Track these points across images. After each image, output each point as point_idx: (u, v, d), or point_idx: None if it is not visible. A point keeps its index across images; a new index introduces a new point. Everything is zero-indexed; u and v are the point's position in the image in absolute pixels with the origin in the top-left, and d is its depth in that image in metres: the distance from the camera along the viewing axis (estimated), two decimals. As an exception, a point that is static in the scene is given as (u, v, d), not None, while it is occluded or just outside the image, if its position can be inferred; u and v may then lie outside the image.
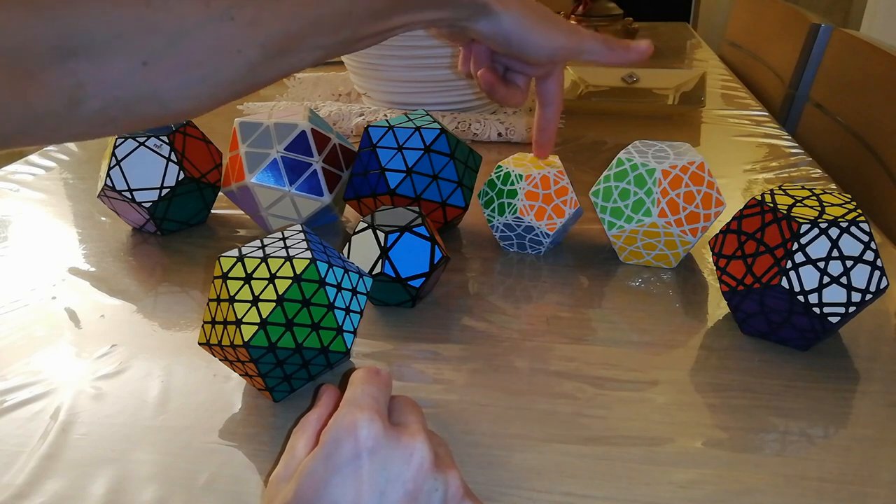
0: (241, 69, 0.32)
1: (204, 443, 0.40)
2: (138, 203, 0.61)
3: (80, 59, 0.28)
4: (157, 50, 0.29)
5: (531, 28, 0.45)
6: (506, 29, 0.44)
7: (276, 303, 0.39)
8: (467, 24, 0.44)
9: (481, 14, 0.43)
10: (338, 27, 0.35)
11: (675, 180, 0.53)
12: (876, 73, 0.93)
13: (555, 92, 0.53)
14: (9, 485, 0.37)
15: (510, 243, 0.60)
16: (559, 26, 0.47)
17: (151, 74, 0.30)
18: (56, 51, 0.27)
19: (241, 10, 0.31)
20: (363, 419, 0.29)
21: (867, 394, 0.42)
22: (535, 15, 0.45)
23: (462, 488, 0.30)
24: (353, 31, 0.36)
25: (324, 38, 0.35)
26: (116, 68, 0.29)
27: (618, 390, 0.43)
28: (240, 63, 0.32)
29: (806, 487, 0.35)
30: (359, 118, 0.92)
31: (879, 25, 1.73)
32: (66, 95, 0.28)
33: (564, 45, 0.47)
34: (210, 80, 0.32)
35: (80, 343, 0.49)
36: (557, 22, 0.46)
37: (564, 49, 0.47)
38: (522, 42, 0.45)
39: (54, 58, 0.27)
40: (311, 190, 0.60)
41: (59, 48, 0.27)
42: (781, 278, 0.42)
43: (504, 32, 0.44)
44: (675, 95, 1.05)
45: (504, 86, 0.51)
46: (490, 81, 0.50)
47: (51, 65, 0.27)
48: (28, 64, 0.27)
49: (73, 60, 0.28)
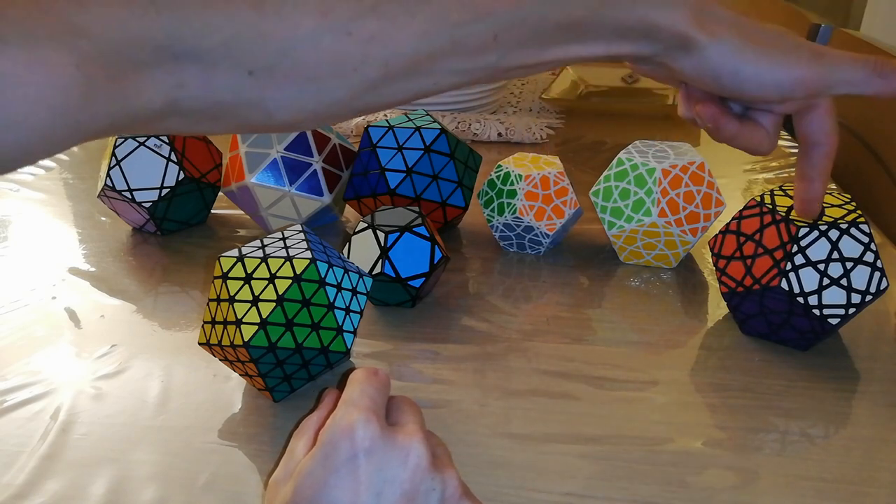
0: (357, 88, 0.29)
1: (204, 443, 0.40)
2: (138, 203, 0.61)
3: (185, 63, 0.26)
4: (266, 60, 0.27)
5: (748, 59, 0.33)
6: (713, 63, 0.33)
7: (276, 303, 0.39)
8: (663, 62, 0.33)
9: (679, 49, 0.32)
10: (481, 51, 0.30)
11: (675, 180, 0.53)
12: (876, 74, 0.92)
13: (822, 129, 0.38)
14: (9, 485, 0.37)
15: (510, 243, 0.60)
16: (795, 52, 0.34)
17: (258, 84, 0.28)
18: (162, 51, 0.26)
19: (362, 24, 0.28)
20: (360, 420, 0.29)
21: (867, 394, 0.42)
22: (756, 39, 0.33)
23: (460, 488, 0.30)
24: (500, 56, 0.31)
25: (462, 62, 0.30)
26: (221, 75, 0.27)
27: (618, 390, 0.43)
28: (355, 81, 0.29)
29: (806, 487, 0.35)
30: (359, 118, 0.92)
31: (879, 25, 1.73)
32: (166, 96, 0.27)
33: (803, 76, 0.33)
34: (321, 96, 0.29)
35: (80, 343, 0.49)
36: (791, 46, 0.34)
37: (804, 82, 0.34)
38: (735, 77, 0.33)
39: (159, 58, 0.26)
40: (311, 190, 0.60)
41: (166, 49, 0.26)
42: (781, 280, 0.42)
43: (711, 68, 0.33)
44: (675, 95, 1.05)
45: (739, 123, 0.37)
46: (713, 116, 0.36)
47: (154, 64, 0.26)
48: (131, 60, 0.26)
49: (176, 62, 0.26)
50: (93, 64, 0.25)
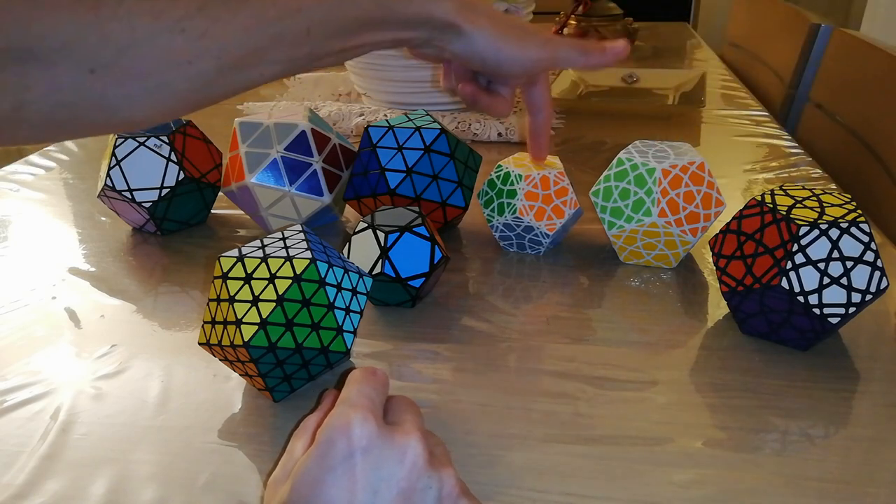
0: (195, 81, 0.32)
1: (204, 443, 0.40)
2: (138, 203, 0.61)
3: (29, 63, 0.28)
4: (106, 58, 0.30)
5: (503, 45, 0.44)
6: (479, 47, 0.44)
7: (276, 303, 0.39)
8: (439, 45, 0.44)
9: (452, 34, 0.43)
10: (297, 43, 0.35)
11: (675, 180, 0.53)
12: (876, 73, 0.93)
13: (542, 98, 0.52)
14: (9, 485, 0.37)
15: (510, 243, 0.60)
16: (532, 38, 0.46)
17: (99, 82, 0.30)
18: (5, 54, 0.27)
19: (192, 23, 0.31)
20: (356, 418, 0.29)
21: (867, 394, 0.42)
22: (506, 30, 0.45)
23: (457, 486, 0.30)
24: (312, 47, 0.36)
25: (282, 53, 0.35)
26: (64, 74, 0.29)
27: (618, 390, 0.43)
28: (192, 75, 0.32)
29: (806, 487, 0.35)
30: (359, 118, 0.92)
31: (879, 25, 1.73)
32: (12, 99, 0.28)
33: (538, 56, 0.46)
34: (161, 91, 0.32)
35: (80, 343, 0.49)
36: (529, 34, 0.46)
37: (539, 60, 0.47)
38: (497, 59, 0.45)
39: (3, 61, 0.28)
40: (311, 190, 0.60)
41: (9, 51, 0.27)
42: (781, 279, 0.42)
43: (478, 51, 0.44)
44: (675, 95, 1.05)
45: (488, 96, 0.50)
46: (472, 93, 0.50)
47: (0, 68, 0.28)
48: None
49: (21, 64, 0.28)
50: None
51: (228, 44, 0.32)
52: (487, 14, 0.44)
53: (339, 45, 0.38)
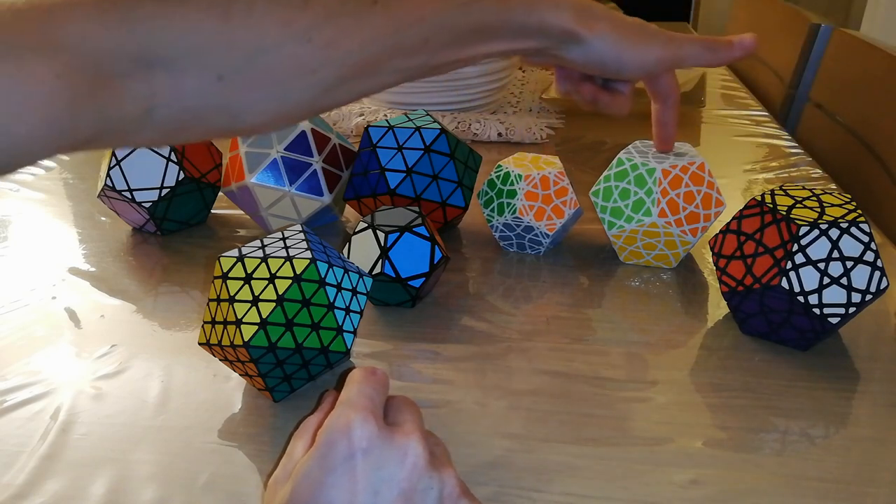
0: (316, 89, 0.32)
1: (204, 443, 0.40)
2: (138, 203, 0.61)
3: (157, 70, 0.28)
4: (234, 66, 0.30)
5: (625, 48, 0.42)
6: (599, 53, 0.41)
7: (276, 303, 0.39)
8: (557, 53, 0.41)
9: (571, 42, 0.41)
10: (414, 53, 0.35)
11: (675, 180, 0.53)
12: (876, 73, 0.93)
13: (668, 86, 0.50)
14: (9, 485, 0.37)
15: (510, 243, 0.60)
16: (653, 39, 0.43)
17: (226, 89, 0.30)
18: (136, 61, 0.28)
19: (319, 32, 0.31)
20: (357, 419, 0.29)
21: (867, 394, 0.42)
22: (626, 33, 0.42)
23: (458, 486, 0.30)
24: (428, 57, 0.36)
25: (400, 62, 0.35)
26: (191, 81, 0.29)
27: (618, 390, 0.43)
28: (314, 83, 0.32)
29: (806, 487, 0.35)
30: (359, 118, 0.92)
31: (879, 25, 1.73)
32: (141, 104, 0.29)
33: (661, 56, 0.44)
34: (284, 98, 0.32)
35: (80, 343, 0.49)
36: (650, 34, 0.43)
37: (662, 61, 0.44)
38: (618, 63, 0.42)
39: (133, 68, 0.28)
40: (311, 190, 0.60)
41: (139, 59, 0.28)
42: (781, 279, 0.42)
43: (597, 57, 0.42)
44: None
45: (608, 94, 0.48)
46: (592, 93, 0.48)
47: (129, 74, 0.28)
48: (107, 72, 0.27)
49: (150, 71, 0.28)
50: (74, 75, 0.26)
51: (351, 53, 0.32)
52: (608, 18, 0.42)
53: (454, 55, 0.37)
